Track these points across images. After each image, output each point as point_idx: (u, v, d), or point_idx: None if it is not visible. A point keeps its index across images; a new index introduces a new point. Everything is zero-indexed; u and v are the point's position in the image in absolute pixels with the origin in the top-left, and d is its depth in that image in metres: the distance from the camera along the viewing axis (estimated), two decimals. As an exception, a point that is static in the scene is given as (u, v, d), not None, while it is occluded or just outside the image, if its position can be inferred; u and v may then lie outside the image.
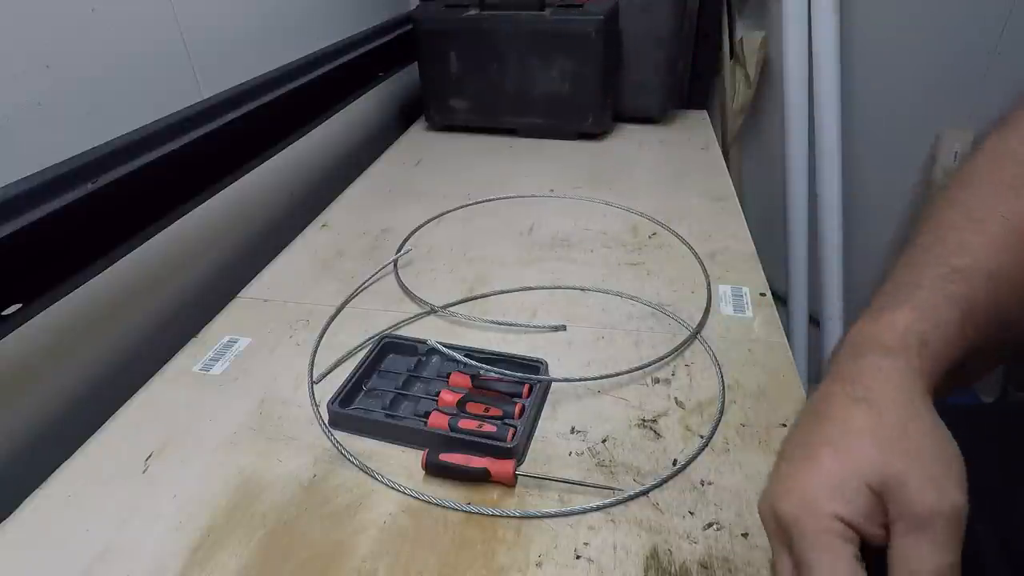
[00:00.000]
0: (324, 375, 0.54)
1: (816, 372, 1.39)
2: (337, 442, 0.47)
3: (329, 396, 0.49)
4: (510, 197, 0.85)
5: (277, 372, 0.54)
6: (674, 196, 0.83)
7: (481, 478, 0.43)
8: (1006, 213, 0.33)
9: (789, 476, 0.28)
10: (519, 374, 0.50)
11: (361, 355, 0.55)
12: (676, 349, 0.55)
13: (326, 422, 0.49)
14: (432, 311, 0.62)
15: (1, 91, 0.47)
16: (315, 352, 0.56)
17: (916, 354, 0.29)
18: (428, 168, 0.96)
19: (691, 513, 0.41)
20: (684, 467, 0.44)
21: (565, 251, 0.72)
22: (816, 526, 0.26)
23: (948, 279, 0.31)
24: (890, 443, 0.26)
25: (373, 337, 0.58)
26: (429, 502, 0.42)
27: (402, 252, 0.71)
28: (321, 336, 0.58)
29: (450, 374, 0.52)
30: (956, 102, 1.18)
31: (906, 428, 0.27)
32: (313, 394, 0.52)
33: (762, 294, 0.62)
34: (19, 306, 0.46)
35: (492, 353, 0.53)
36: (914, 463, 0.26)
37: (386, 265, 0.69)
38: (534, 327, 0.59)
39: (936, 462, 0.26)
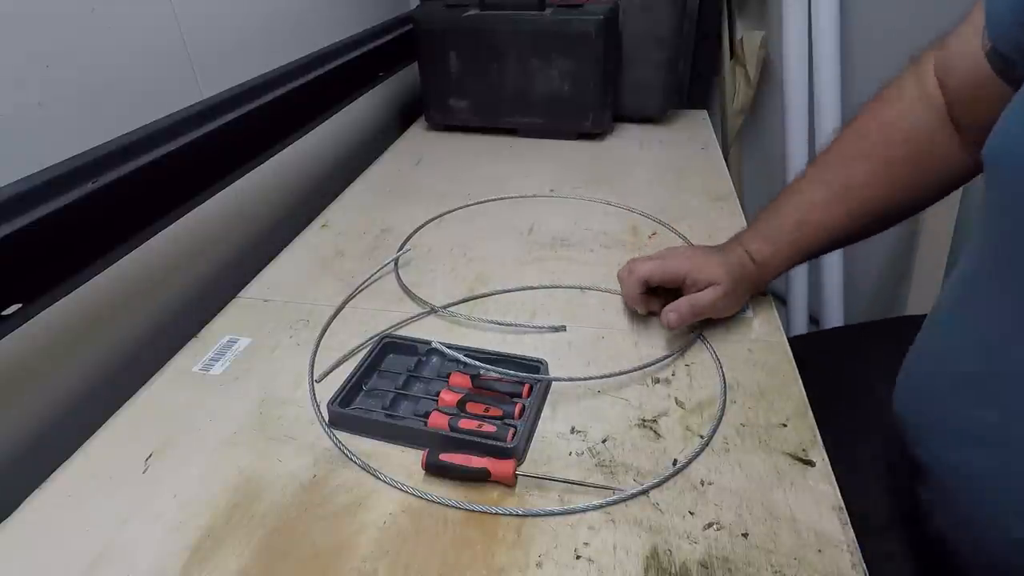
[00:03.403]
0: (325, 375, 0.54)
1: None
2: (339, 441, 0.47)
3: (329, 396, 0.49)
4: (510, 197, 0.85)
5: (277, 372, 0.54)
6: (674, 196, 0.83)
7: (481, 478, 0.43)
8: (830, 179, 0.56)
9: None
10: (520, 373, 0.50)
11: (361, 355, 0.55)
12: (678, 349, 0.55)
13: (326, 422, 0.49)
14: (432, 311, 0.62)
15: (1, 91, 0.47)
16: (315, 352, 0.56)
17: (757, 265, 0.57)
18: (428, 168, 0.96)
19: (691, 513, 0.41)
20: (684, 467, 0.44)
21: (565, 251, 0.72)
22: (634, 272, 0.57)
23: (793, 229, 0.57)
24: (724, 275, 0.55)
25: (373, 337, 0.58)
26: (430, 501, 0.42)
27: (402, 251, 0.71)
28: (321, 336, 0.58)
29: (450, 374, 0.52)
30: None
31: (733, 279, 0.55)
32: (314, 394, 0.52)
33: (762, 294, 0.62)
34: (19, 306, 0.46)
35: (492, 353, 0.53)
36: (707, 276, 0.55)
37: (386, 264, 0.68)
38: (534, 328, 0.59)
39: (730, 292, 0.55)
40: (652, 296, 0.58)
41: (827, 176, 0.57)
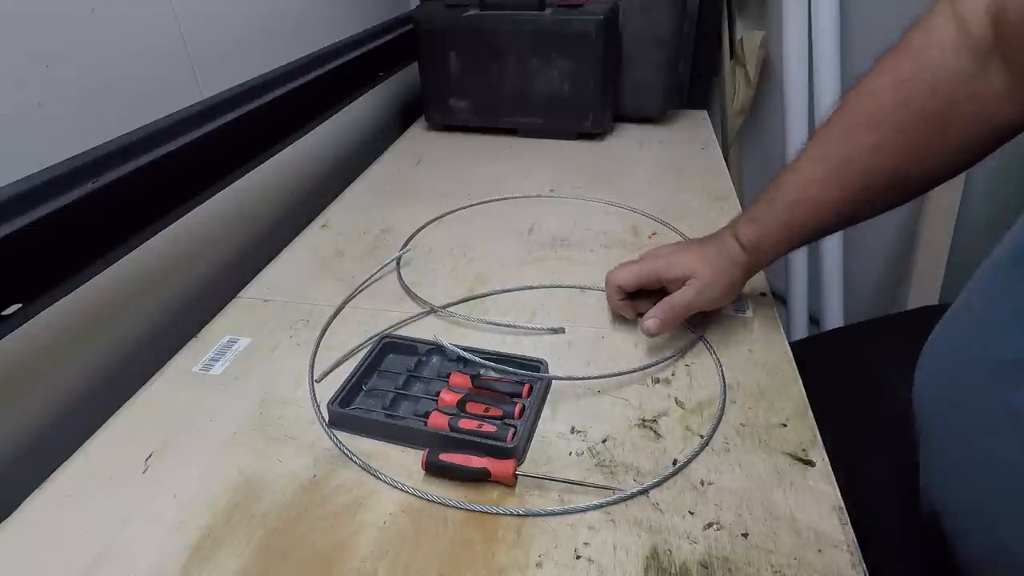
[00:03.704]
0: (325, 375, 0.54)
1: (816, 372, 1.39)
2: (339, 441, 0.47)
3: (329, 396, 0.49)
4: (511, 197, 0.85)
5: (277, 372, 0.54)
6: (674, 196, 0.83)
7: (481, 478, 0.43)
8: (830, 153, 0.50)
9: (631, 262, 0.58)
10: (520, 372, 0.50)
11: (361, 355, 0.55)
12: (678, 349, 0.55)
13: (326, 422, 0.49)
14: (432, 311, 0.62)
15: (1, 91, 0.47)
16: (315, 352, 0.56)
17: (746, 250, 0.54)
18: (428, 168, 0.96)
19: (691, 513, 0.41)
20: (684, 466, 0.44)
21: (565, 251, 0.72)
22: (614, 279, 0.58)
23: (785, 210, 0.52)
24: (701, 265, 0.54)
25: (373, 337, 0.58)
26: (430, 501, 0.42)
27: (404, 250, 0.71)
28: (321, 336, 0.58)
29: (450, 374, 0.52)
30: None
31: (714, 267, 0.54)
32: (314, 394, 0.52)
33: (762, 294, 0.62)
34: (19, 306, 0.46)
35: (492, 353, 0.53)
36: (681, 271, 0.54)
37: (387, 263, 0.68)
38: (533, 330, 0.59)
39: (711, 283, 0.53)
40: (642, 299, 0.58)
41: (827, 149, 0.50)
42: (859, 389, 0.61)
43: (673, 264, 0.55)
